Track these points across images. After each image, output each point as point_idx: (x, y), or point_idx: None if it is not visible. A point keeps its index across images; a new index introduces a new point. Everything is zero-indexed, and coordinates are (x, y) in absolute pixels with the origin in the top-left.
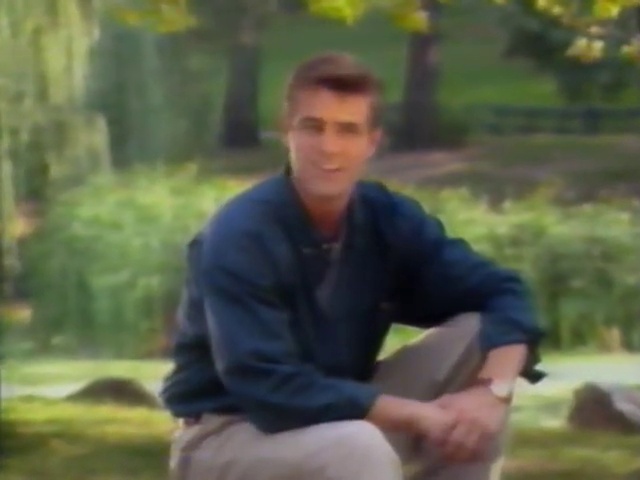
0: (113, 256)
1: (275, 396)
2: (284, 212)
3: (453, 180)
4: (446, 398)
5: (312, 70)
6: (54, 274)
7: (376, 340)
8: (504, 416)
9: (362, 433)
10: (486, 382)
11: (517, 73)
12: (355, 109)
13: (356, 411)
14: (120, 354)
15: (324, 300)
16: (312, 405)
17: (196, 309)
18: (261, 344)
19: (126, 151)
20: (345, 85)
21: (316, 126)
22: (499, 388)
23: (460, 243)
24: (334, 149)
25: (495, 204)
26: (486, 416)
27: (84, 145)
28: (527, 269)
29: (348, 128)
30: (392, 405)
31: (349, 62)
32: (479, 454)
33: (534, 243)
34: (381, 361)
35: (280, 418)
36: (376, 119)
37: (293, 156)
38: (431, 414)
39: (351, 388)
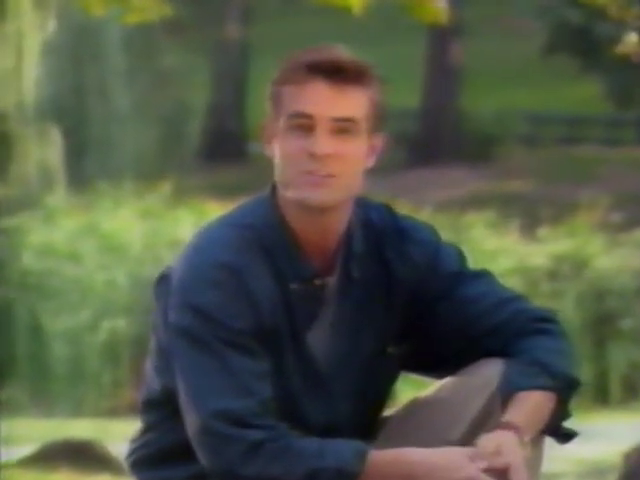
0: (71, 293)
1: (246, 467)
2: (268, 239)
3: (479, 202)
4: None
5: (300, 59)
6: (0, 314)
7: (380, 393)
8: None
9: None
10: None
11: (556, 74)
12: (353, 103)
13: (344, 478)
14: (79, 411)
15: (316, 346)
16: (289, 476)
17: (164, 358)
18: (229, 402)
19: (86, 167)
20: (341, 73)
21: (305, 125)
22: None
23: (484, 275)
24: (326, 151)
25: (529, 230)
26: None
27: (35, 160)
28: (567, 308)
29: (344, 127)
30: (386, 460)
31: (345, 51)
32: None
33: (576, 277)
34: (387, 416)
35: None
36: (377, 121)
37: (278, 165)
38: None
39: (334, 449)
